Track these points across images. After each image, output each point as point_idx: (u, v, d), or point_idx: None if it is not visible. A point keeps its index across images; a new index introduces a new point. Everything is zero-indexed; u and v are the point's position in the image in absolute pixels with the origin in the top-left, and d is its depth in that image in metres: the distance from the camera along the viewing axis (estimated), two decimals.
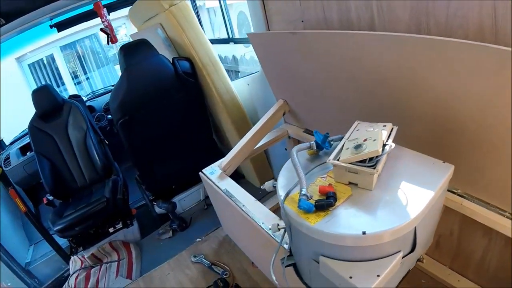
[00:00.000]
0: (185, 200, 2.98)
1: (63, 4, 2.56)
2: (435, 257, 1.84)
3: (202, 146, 2.77)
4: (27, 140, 3.22)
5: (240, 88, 2.67)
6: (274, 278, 1.15)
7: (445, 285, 1.75)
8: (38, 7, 2.41)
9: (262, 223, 1.46)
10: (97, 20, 3.05)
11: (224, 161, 1.88)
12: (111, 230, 2.74)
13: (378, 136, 0.98)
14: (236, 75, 3.75)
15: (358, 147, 0.97)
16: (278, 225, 1.19)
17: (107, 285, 2.43)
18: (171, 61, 2.51)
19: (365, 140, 0.99)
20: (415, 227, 0.90)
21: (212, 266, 2.13)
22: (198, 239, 2.41)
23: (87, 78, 5.64)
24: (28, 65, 5.05)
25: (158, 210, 2.83)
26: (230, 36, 3.12)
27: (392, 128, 1.09)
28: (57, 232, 2.50)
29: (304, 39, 1.51)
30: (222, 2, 3.05)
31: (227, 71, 2.67)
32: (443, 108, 1.18)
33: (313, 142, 1.16)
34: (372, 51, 1.24)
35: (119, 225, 2.76)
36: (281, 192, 1.04)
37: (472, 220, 1.39)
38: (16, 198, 2.67)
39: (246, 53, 3.58)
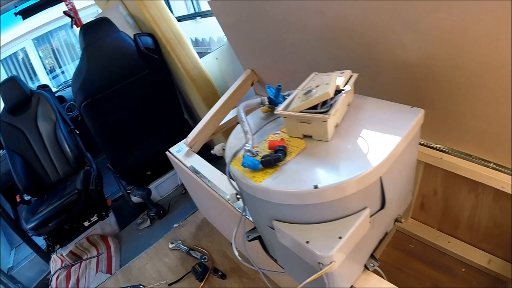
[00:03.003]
0: (162, 187, 2.86)
1: None
2: (422, 219, 1.83)
3: (174, 127, 2.63)
4: None
5: (209, 64, 2.53)
6: (236, 253, 1.03)
7: (435, 247, 1.71)
8: None
9: (228, 197, 1.34)
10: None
11: (189, 137, 1.76)
12: (86, 224, 2.63)
13: (331, 80, 0.84)
14: None
15: (308, 93, 0.83)
16: (236, 194, 1.05)
17: (88, 282, 2.33)
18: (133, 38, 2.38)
19: (317, 86, 0.85)
20: (381, 178, 0.76)
21: (190, 251, 2.03)
22: (175, 225, 2.30)
23: (62, 72, 5.49)
24: (1, 60, 4.88)
25: (134, 199, 2.70)
26: (196, 10, 2.97)
27: (352, 75, 0.95)
28: (31, 231, 2.38)
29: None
30: None
31: (204, 53, 2.54)
32: (412, 52, 1.08)
33: (264, 97, 1.02)
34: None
35: (94, 218, 2.64)
36: (229, 154, 0.90)
37: (455, 175, 1.33)
38: None
39: (224, 35, 3.44)
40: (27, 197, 2.72)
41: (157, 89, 2.52)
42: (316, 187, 0.69)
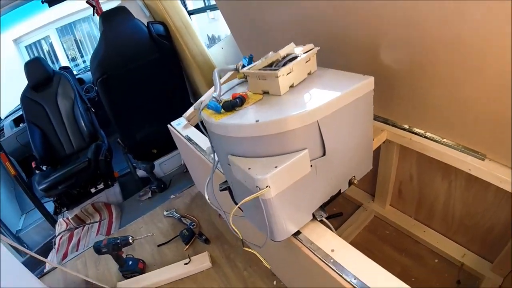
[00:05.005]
0: (165, 164, 3.09)
1: None
2: (399, 207, 1.87)
3: (179, 109, 2.79)
4: (20, 112, 3.34)
5: (216, 53, 2.78)
6: (207, 196, 1.20)
7: (410, 236, 1.76)
8: None
9: (205, 149, 1.55)
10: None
11: (188, 111, 1.97)
12: (92, 190, 2.87)
13: (286, 49, 1.04)
14: None
15: (266, 57, 1.01)
16: (213, 147, 1.21)
17: (88, 243, 2.54)
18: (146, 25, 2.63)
19: (275, 52, 1.03)
20: (318, 123, 0.91)
21: (182, 218, 2.21)
22: (172, 196, 2.48)
23: (84, 62, 5.79)
24: (25, 46, 5.19)
25: (139, 173, 2.93)
26: (206, 4, 3.19)
27: (313, 48, 1.12)
28: (42, 191, 2.63)
29: None
30: None
31: None
32: (374, 30, 1.20)
33: (239, 63, 1.19)
34: None
35: (101, 186, 2.89)
36: (203, 105, 1.07)
37: (428, 161, 1.43)
38: (6, 162, 2.82)
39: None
40: (43, 167, 2.94)
41: (166, 72, 2.75)
42: (257, 121, 0.85)
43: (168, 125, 2.00)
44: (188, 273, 1.82)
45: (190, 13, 3.23)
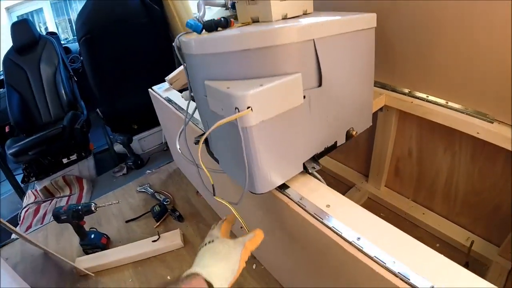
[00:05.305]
0: (145, 141, 2.93)
1: None
2: (396, 188, 1.75)
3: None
4: (1, 77, 3.21)
5: None
6: (178, 146, 1.08)
7: (408, 219, 1.63)
8: None
9: (182, 95, 1.40)
10: None
11: (171, 74, 1.81)
12: (65, 161, 2.69)
13: None
14: None
15: None
16: (191, 92, 1.04)
17: None
18: None
19: None
20: (314, 42, 0.77)
21: (155, 194, 2.03)
22: (148, 171, 2.32)
23: (74, 39, 5.65)
24: (17, 16, 5.04)
25: (117, 148, 2.77)
26: None
27: None
28: (11, 156, 2.48)
29: None
30: None
31: None
32: None
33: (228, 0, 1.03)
34: None
35: (74, 157, 2.71)
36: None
37: (430, 130, 1.32)
38: None
39: None
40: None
41: (153, 40, 2.61)
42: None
43: (149, 89, 1.86)
44: (156, 251, 1.64)
45: None
